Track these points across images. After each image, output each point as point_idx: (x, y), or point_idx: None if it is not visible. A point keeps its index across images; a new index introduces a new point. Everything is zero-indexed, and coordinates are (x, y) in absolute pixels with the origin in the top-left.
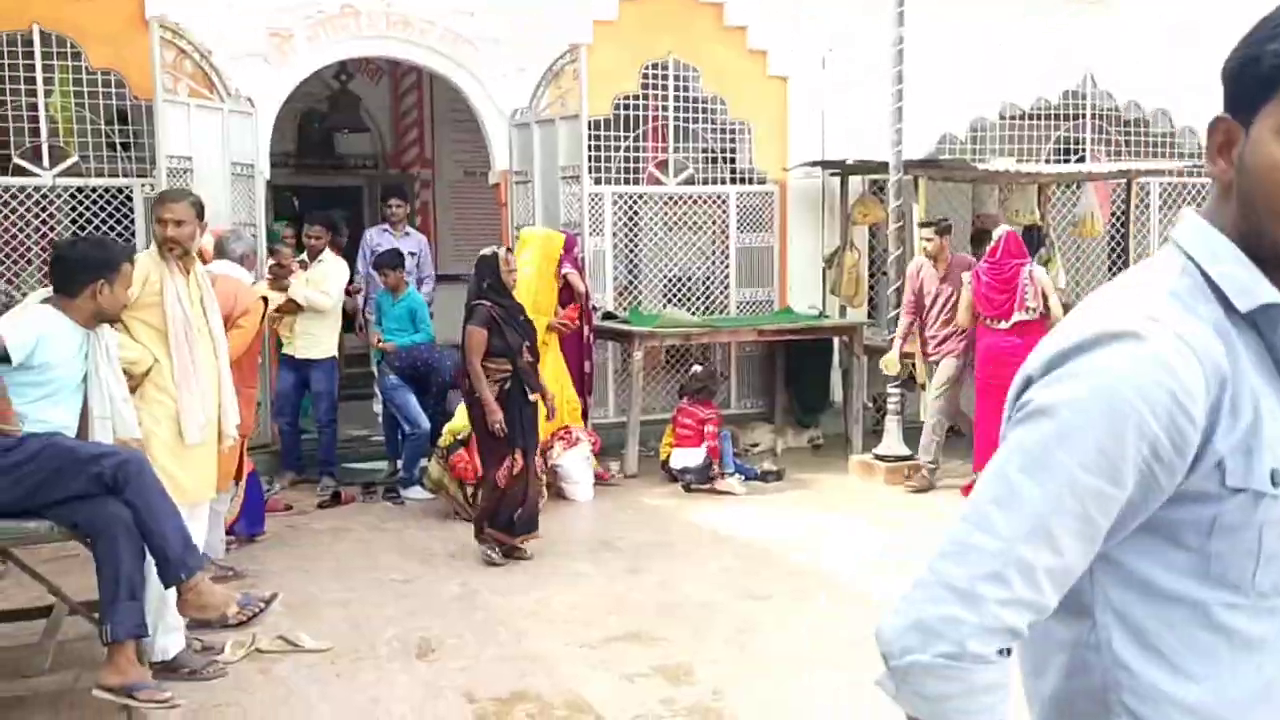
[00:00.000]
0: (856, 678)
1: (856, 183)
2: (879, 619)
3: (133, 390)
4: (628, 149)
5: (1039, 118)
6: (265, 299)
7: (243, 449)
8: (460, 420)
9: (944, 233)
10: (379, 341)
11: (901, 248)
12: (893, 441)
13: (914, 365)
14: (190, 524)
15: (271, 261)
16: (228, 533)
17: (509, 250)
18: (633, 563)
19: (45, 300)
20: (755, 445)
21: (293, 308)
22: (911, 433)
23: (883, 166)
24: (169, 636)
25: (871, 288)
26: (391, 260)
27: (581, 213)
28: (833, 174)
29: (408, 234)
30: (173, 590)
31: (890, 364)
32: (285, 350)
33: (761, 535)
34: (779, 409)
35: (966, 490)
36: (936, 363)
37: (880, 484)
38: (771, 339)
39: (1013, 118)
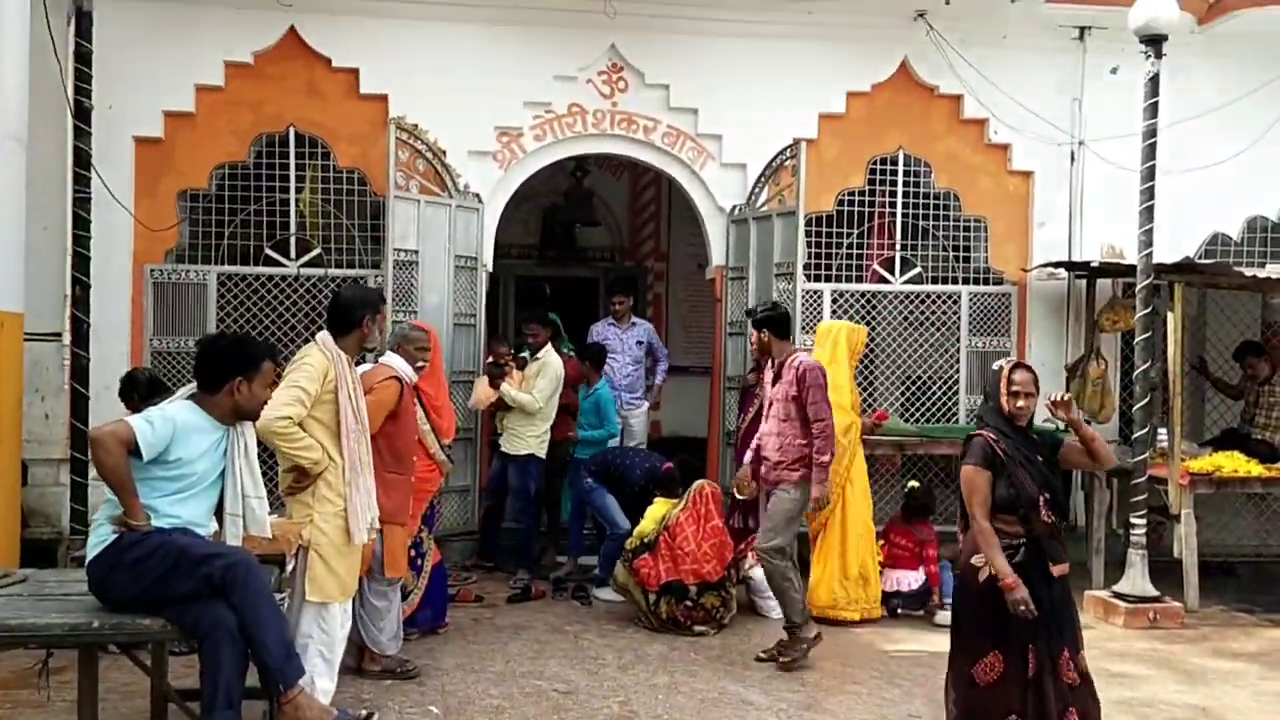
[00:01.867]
0: None
1: (1106, 286)
2: None
3: (304, 489)
4: (851, 246)
5: None
6: (399, 380)
7: (407, 538)
8: (647, 524)
9: (766, 325)
10: (570, 433)
11: (1149, 360)
12: (1137, 578)
13: (1165, 492)
14: (345, 617)
15: (489, 360)
16: (408, 623)
17: (1018, 365)
18: (810, 697)
19: (190, 396)
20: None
21: (504, 404)
22: (1160, 569)
23: (1134, 269)
24: None
25: (1124, 402)
26: (589, 353)
27: (794, 310)
28: (1079, 276)
29: (634, 324)
30: (322, 697)
31: (741, 485)
32: (498, 441)
33: None
34: None
35: None
36: (769, 494)
37: (1119, 627)
38: None
39: None
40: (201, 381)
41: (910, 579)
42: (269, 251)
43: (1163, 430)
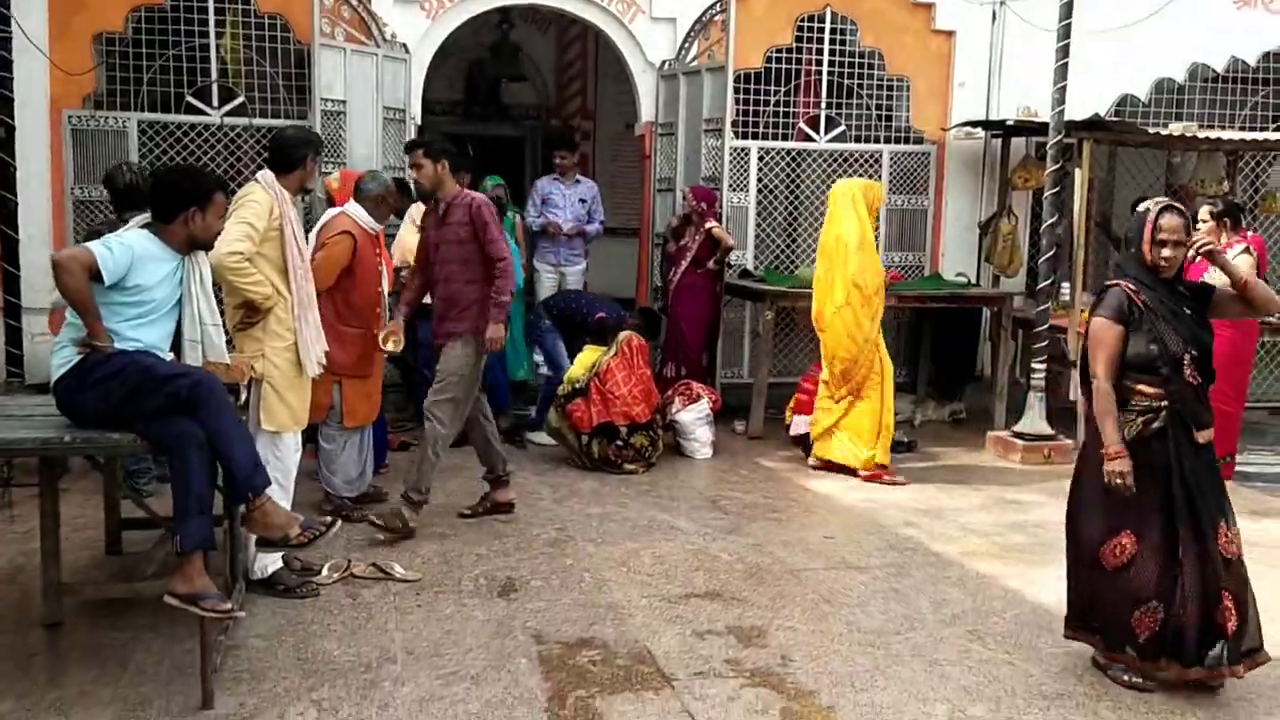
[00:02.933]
0: (935, 658)
1: (1020, 145)
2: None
3: (254, 325)
4: (778, 103)
5: (1233, 81)
6: (352, 235)
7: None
8: (578, 370)
9: (444, 155)
10: None
11: (1057, 215)
12: (1035, 418)
13: (1064, 339)
14: (297, 445)
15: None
16: None
17: (1167, 208)
18: (733, 523)
19: (145, 225)
20: (894, 415)
21: None
22: (1057, 413)
23: (1047, 128)
24: (269, 555)
25: (1032, 258)
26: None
27: (722, 167)
28: (995, 135)
29: (579, 181)
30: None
31: (388, 337)
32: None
33: (875, 506)
34: (922, 379)
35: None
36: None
37: (1016, 463)
38: (915, 305)
39: (1204, 80)
40: (156, 212)
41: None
42: (190, 99)
43: (1066, 284)
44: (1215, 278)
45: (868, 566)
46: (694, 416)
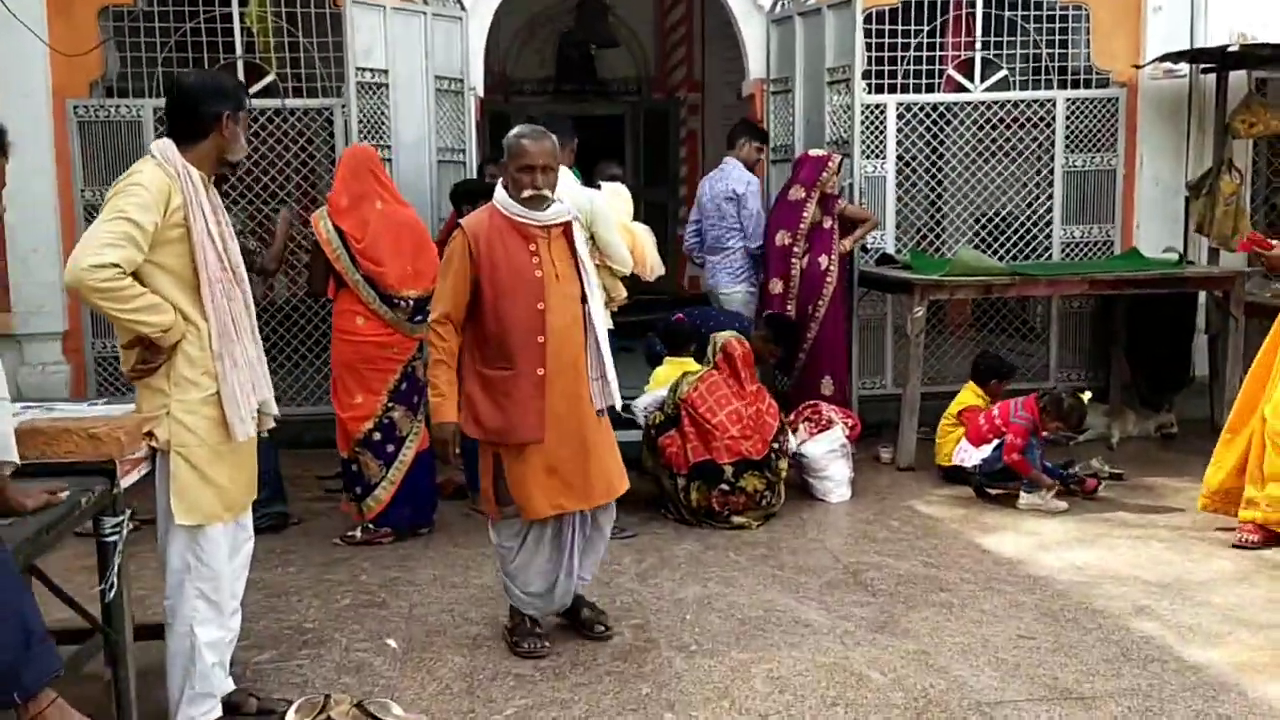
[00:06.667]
0: None
1: (1239, 80)
2: None
3: (154, 370)
4: (919, 47)
5: None
6: (462, 229)
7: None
8: (655, 386)
9: None
10: None
11: None
12: None
13: None
14: (232, 541)
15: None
16: (379, 522)
17: None
18: (885, 612)
19: None
20: (1081, 433)
21: None
22: None
23: (1278, 55)
24: (195, 706)
25: (1271, 225)
26: None
27: (852, 127)
28: (1206, 70)
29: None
30: (208, 651)
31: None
32: None
33: (1083, 580)
34: (1116, 385)
35: None
36: None
37: None
38: (1108, 292)
39: None
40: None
41: (980, 453)
42: None
43: None
44: None
45: (1097, 695)
46: (825, 449)
